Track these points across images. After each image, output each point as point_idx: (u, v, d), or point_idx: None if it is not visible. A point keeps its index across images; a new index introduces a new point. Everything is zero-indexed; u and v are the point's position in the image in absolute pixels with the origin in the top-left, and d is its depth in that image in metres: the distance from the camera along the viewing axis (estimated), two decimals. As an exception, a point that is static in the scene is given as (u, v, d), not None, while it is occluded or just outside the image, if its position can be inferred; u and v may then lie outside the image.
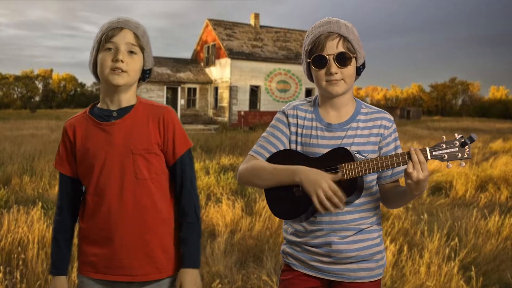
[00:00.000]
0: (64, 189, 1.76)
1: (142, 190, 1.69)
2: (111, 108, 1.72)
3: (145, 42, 1.71)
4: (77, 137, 1.71)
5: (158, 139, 1.71)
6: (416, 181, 1.53)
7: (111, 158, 1.67)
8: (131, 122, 1.70)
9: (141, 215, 1.69)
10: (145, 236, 1.70)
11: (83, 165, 1.71)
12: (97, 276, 1.72)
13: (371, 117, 1.77)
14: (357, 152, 1.70)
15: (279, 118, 1.83)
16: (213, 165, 9.97)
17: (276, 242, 4.91)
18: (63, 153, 1.75)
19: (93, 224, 1.70)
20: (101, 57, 1.66)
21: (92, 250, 1.71)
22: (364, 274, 1.75)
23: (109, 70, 1.64)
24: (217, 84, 29.87)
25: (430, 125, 31.57)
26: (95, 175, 1.68)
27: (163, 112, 1.73)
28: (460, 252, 4.47)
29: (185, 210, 1.76)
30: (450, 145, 1.56)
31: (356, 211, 1.73)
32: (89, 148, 1.69)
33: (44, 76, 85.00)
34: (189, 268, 1.72)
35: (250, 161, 1.80)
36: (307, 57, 1.73)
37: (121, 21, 1.67)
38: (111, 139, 1.68)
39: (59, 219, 1.77)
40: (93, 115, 1.73)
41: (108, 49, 1.65)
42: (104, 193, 1.68)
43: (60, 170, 1.76)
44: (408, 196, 1.64)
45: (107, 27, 1.66)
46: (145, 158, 1.69)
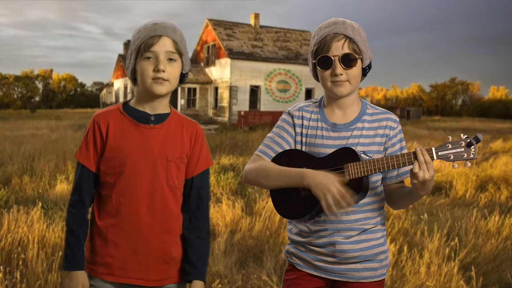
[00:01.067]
0: (86, 183, 1.69)
1: (171, 198, 1.71)
2: (148, 111, 1.71)
3: (183, 47, 1.71)
4: (110, 132, 1.68)
5: (188, 150, 1.74)
6: (422, 181, 1.54)
7: (145, 161, 1.67)
8: (168, 129, 1.72)
9: (166, 221, 1.70)
10: (166, 243, 1.71)
11: (112, 162, 1.67)
12: (110, 278, 1.68)
13: (377, 117, 1.77)
14: (363, 153, 1.71)
15: (285, 119, 1.84)
16: (213, 165, 9.97)
17: (276, 242, 4.91)
18: (90, 146, 1.69)
19: (116, 223, 1.67)
20: (142, 66, 1.65)
21: (109, 250, 1.67)
22: (368, 274, 1.76)
23: (151, 80, 1.64)
24: (217, 84, 29.87)
25: (430, 125, 31.57)
26: (126, 175, 1.66)
27: (196, 127, 1.78)
28: (460, 252, 4.47)
29: (198, 225, 1.78)
30: (456, 145, 1.57)
31: (361, 211, 1.74)
32: (123, 146, 1.67)
33: (44, 76, 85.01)
34: (200, 281, 1.77)
35: (257, 161, 1.80)
36: (313, 58, 1.74)
37: (159, 28, 1.65)
38: (148, 143, 1.68)
39: (79, 212, 1.69)
40: (129, 114, 1.71)
41: (148, 57, 1.64)
42: (132, 194, 1.66)
43: (85, 164, 1.69)
44: (414, 197, 1.65)
45: (145, 34, 1.64)
46: (178, 167, 1.71)
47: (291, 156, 1.76)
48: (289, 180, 1.68)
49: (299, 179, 1.65)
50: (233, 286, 3.95)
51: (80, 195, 1.70)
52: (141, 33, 1.66)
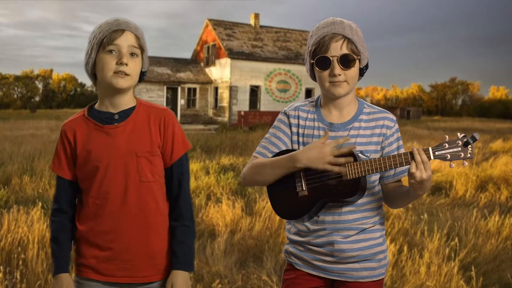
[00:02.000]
0: (63, 192, 1.74)
1: (146, 193, 1.70)
2: (112, 111, 1.71)
3: (144, 43, 1.71)
4: (78, 140, 1.70)
5: (159, 141, 1.72)
6: (420, 181, 1.54)
7: (114, 161, 1.67)
8: (133, 124, 1.70)
9: (145, 217, 1.70)
10: (148, 238, 1.70)
11: (85, 168, 1.69)
12: (97, 277, 1.71)
13: (374, 117, 1.77)
14: (360, 152, 1.71)
15: (281, 119, 1.84)
16: (213, 165, 9.97)
17: (276, 242, 4.91)
18: (62, 156, 1.72)
19: (94, 226, 1.69)
20: (103, 59, 1.63)
21: (92, 252, 1.70)
22: (367, 274, 1.76)
23: (113, 73, 1.63)
24: (217, 84, 29.87)
25: (430, 125, 31.57)
26: (99, 178, 1.67)
27: (164, 114, 1.74)
28: (460, 252, 4.47)
29: (182, 213, 1.76)
30: (453, 145, 1.57)
31: (359, 211, 1.74)
32: (91, 151, 1.68)
33: (44, 76, 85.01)
34: (182, 271, 1.72)
35: (252, 161, 1.81)
36: (310, 58, 1.74)
37: (121, 23, 1.65)
38: (115, 142, 1.68)
39: (58, 220, 1.74)
40: (93, 117, 1.71)
41: (110, 51, 1.63)
42: (107, 196, 1.67)
43: (59, 174, 1.73)
44: (411, 196, 1.65)
45: (107, 28, 1.64)
46: (149, 161, 1.70)
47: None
48: (283, 169, 1.69)
49: (291, 164, 1.65)
50: (233, 286, 3.95)
51: (59, 203, 1.74)
52: (103, 28, 1.65)
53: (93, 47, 1.65)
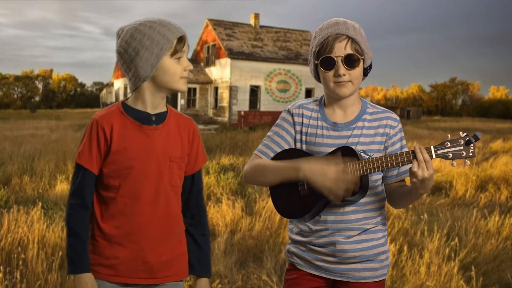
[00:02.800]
0: (88, 186, 1.66)
1: (173, 198, 1.72)
2: (149, 111, 1.69)
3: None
4: (114, 135, 1.65)
5: (187, 149, 1.75)
6: (422, 180, 1.54)
7: (149, 163, 1.66)
8: (168, 130, 1.71)
9: (171, 222, 1.72)
10: (171, 243, 1.73)
11: (117, 165, 1.65)
12: (115, 279, 1.68)
13: (377, 116, 1.78)
14: (363, 152, 1.71)
15: (284, 117, 1.84)
16: (213, 165, 9.97)
17: (276, 242, 4.91)
18: (94, 149, 1.65)
19: (120, 225, 1.66)
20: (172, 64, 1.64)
21: (114, 252, 1.67)
22: (368, 274, 1.76)
23: (179, 79, 1.67)
24: (217, 84, 29.87)
25: (430, 125, 31.58)
26: (132, 177, 1.65)
27: (193, 124, 1.80)
28: (460, 252, 4.47)
29: (202, 221, 1.83)
30: (455, 144, 1.57)
31: (361, 211, 1.74)
32: (128, 149, 1.65)
33: (44, 76, 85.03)
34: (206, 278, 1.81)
35: (254, 160, 1.81)
36: (314, 59, 1.73)
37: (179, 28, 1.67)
38: (152, 144, 1.67)
39: (81, 216, 1.67)
40: (129, 115, 1.68)
41: (179, 58, 1.66)
42: (138, 197, 1.65)
43: (88, 167, 1.65)
44: (414, 195, 1.65)
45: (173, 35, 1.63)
46: (179, 167, 1.72)
47: (290, 155, 1.76)
48: (285, 175, 1.68)
49: (294, 172, 1.64)
50: (233, 286, 3.95)
51: (82, 198, 1.67)
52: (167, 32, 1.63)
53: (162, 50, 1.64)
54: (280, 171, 1.69)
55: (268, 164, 1.75)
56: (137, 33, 1.63)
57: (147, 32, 1.63)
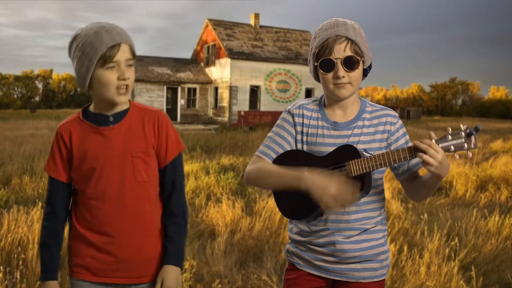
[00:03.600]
0: (57, 195, 1.73)
1: (142, 193, 1.71)
2: (106, 113, 1.71)
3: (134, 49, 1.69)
4: (74, 142, 1.70)
5: (153, 142, 1.74)
6: (439, 163, 1.52)
7: (110, 162, 1.68)
8: (128, 126, 1.71)
9: (141, 218, 1.71)
10: (144, 239, 1.72)
11: (81, 169, 1.69)
12: (93, 278, 1.71)
13: (376, 114, 1.78)
14: (364, 150, 1.71)
15: (285, 118, 1.84)
16: (213, 165, 9.96)
17: (276, 242, 4.91)
18: (57, 158, 1.72)
19: (91, 226, 1.70)
20: (104, 76, 1.60)
21: (89, 252, 1.71)
22: (368, 274, 1.76)
23: (115, 90, 1.62)
24: (217, 84, 29.87)
25: (430, 125, 31.57)
26: (95, 179, 1.68)
27: (157, 115, 1.76)
28: (460, 252, 4.47)
29: (173, 212, 1.78)
30: (456, 136, 1.57)
31: (361, 211, 1.74)
32: (87, 152, 1.68)
33: (44, 76, 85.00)
34: (173, 266, 1.74)
35: (257, 162, 1.81)
36: (314, 60, 1.73)
37: (114, 35, 1.60)
38: (110, 143, 1.68)
39: (49, 224, 1.74)
40: (88, 119, 1.72)
41: (111, 67, 1.60)
42: (104, 197, 1.68)
43: (55, 176, 1.72)
44: (434, 182, 1.64)
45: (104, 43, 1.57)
46: (144, 161, 1.71)
47: (291, 157, 1.76)
48: (286, 183, 1.68)
49: (296, 182, 1.63)
50: (233, 286, 3.94)
51: (52, 207, 1.73)
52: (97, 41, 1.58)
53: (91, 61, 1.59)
54: (282, 179, 1.69)
55: (271, 169, 1.74)
56: (74, 42, 1.65)
57: (80, 42, 1.62)
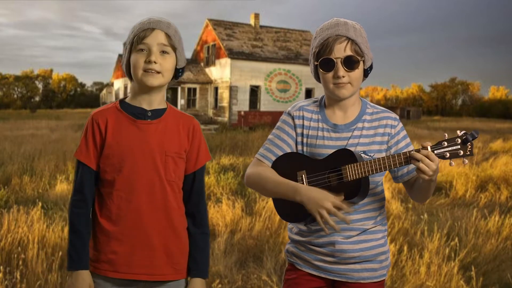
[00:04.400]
0: (88, 182, 1.68)
1: (170, 191, 1.71)
2: (145, 107, 1.71)
3: (177, 41, 1.71)
4: (109, 129, 1.68)
5: (186, 146, 1.75)
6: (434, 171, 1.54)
7: (144, 157, 1.67)
8: (165, 124, 1.72)
9: (169, 215, 1.71)
10: (169, 237, 1.71)
11: (111, 159, 1.67)
12: (114, 275, 1.68)
13: (376, 116, 1.78)
14: (363, 152, 1.71)
15: (285, 120, 1.84)
16: (213, 165, 9.96)
17: (276, 242, 4.91)
18: (90, 144, 1.68)
19: (117, 220, 1.67)
20: (134, 58, 1.66)
21: (112, 247, 1.67)
22: (368, 275, 1.76)
23: (143, 72, 1.65)
24: (217, 84, 29.87)
25: (430, 125, 31.57)
26: (126, 171, 1.65)
27: (194, 122, 1.79)
28: (460, 252, 4.47)
29: (202, 220, 1.81)
30: (452, 143, 1.57)
31: (360, 211, 1.74)
32: (121, 143, 1.67)
33: (44, 76, 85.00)
34: (201, 279, 1.77)
35: (258, 166, 1.81)
36: (314, 59, 1.74)
37: (152, 22, 1.67)
38: (146, 138, 1.68)
39: (82, 212, 1.68)
40: (126, 111, 1.71)
41: (141, 50, 1.65)
42: (133, 190, 1.66)
43: (86, 162, 1.68)
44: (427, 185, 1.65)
45: (138, 28, 1.67)
46: (175, 161, 1.71)
47: (290, 159, 1.76)
48: (283, 194, 1.70)
49: (292, 194, 1.66)
50: (233, 286, 3.94)
51: (83, 194, 1.69)
52: (135, 28, 1.68)
53: (126, 48, 1.69)
54: (279, 188, 1.71)
55: (269, 177, 1.75)
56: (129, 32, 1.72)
57: (130, 30, 1.70)
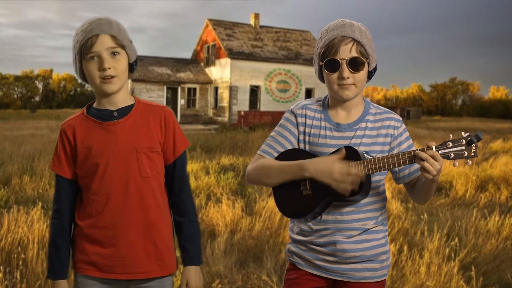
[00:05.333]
0: (63, 192, 1.73)
1: (146, 188, 1.71)
2: (110, 108, 1.72)
3: (123, 38, 1.69)
4: (77, 138, 1.70)
5: (160, 138, 1.74)
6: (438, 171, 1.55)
7: (115, 157, 1.68)
8: (133, 121, 1.72)
9: (145, 213, 1.71)
10: (149, 234, 1.72)
11: (85, 165, 1.69)
12: (99, 275, 1.71)
13: (379, 117, 1.78)
14: (365, 152, 1.71)
15: (288, 118, 1.84)
16: (213, 165, 9.96)
17: (276, 242, 4.90)
18: (61, 155, 1.72)
19: (96, 222, 1.69)
20: (87, 68, 1.65)
21: (94, 249, 1.70)
22: (369, 274, 1.76)
23: (100, 80, 1.65)
24: (217, 84, 29.86)
25: (430, 125, 31.57)
26: (99, 174, 1.67)
27: (164, 112, 1.77)
28: (460, 252, 4.47)
29: (186, 208, 1.80)
30: (457, 144, 1.57)
31: (362, 211, 1.74)
32: (92, 148, 1.68)
33: (44, 76, 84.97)
34: (194, 266, 1.77)
35: (258, 160, 1.81)
36: (319, 60, 1.74)
37: (94, 27, 1.64)
38: (115, 138, 1.69)
39: (58, 222, 1.74)
40: (92, 115, 1.72)
41: (91, 58, 1.64)
42: (109, 192, 1.68)
43: (59, 173, 1.73)
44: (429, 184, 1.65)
45: (82, 36, 1.63)
46: (148, 157, 1.71)
47: (292, 155, 1.77)
48: (290, 175, 1.70)
49: (299, 172, 1.67)
50: (233, 286, 3.94)
51: (59, 204, 1.74)
52: (79, 36, 1.65)
53: (76, 57, 1.67)
54: (285, 171, 1.71)
55: (273, 164, 1.75)
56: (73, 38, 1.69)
57: (74, 37, 1.68)
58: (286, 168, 1.71)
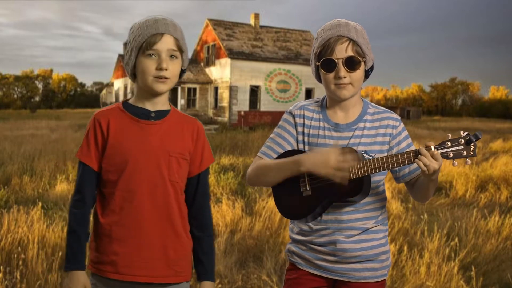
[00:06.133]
0: (88, 181, 1.68)
1: (172, 193, 1.70)
2: (148, 108, 1.71)
3: (183, 44, 1.70)
4: (111, 129, 1.67)
5: (190, 147, 1.74)
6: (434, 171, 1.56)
7: (146, 157, 1.66)
8: (169, 125, 1.72)
9: (169, 216, 1.70)
10: (170, 238, 1.70)
11: (113, 159, 1.66)
12: (116, 276, 1.66)
13: (378, 117, 1.79)
14: (364, 152, 1.71)
15: (286, 119, 1.85)
16: (213, 165, 9.96)
17: (276, 242, 4.91)
18: (92, 144, 1.68)
19: (119, 220, 1.66)
20: (143, 63, 1.64)
21: (114, 248, 1.66)
22: (369, 274, 1.76)
23: (153, 78, 1.64)
24: (217, 84, 29.87)
25: (430, 125, 31.58)
26: (128, 171, 1.65)
27: (197, 124, 1.79)
28: (460, 252, 4.47)
29: (207, 223, 1.80)
30: (455, 143, 1.58)
31: (361, 211, 1.75)
32: (123, 143, 1.66)
33: (44, 76, 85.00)
34: (210, 282, 1.77)
35: (257, 162, 1.82)
36: (316, 60, 1.74)
37: (160, 25, 1.64)
38: (149, 138, 1.67)
39: (80, 212, 1.68)
40: (129, 111, 1.71)
41: (149, 55, 1.63)
42: (136, 190, 1.65)
43: (87, 162, 1.67)
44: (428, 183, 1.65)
45: (147, 32, 1.63)
46: (179, 162, 1.71)
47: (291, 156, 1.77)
48: (287, 171, 1.70)
49: (296, 167, 1.67)
50: (233, 286, 3.94)
51: (82, 194, 1.69)
52: (143, 30, 1.64)
53: (133, 50, 1.66)
54: (282, 168, 1.71)
55: (270, 163, 1.76)
56: (131, 30, 1.69)
57: (134, 29, 1.67)
58: (283, 165, 1.71)
